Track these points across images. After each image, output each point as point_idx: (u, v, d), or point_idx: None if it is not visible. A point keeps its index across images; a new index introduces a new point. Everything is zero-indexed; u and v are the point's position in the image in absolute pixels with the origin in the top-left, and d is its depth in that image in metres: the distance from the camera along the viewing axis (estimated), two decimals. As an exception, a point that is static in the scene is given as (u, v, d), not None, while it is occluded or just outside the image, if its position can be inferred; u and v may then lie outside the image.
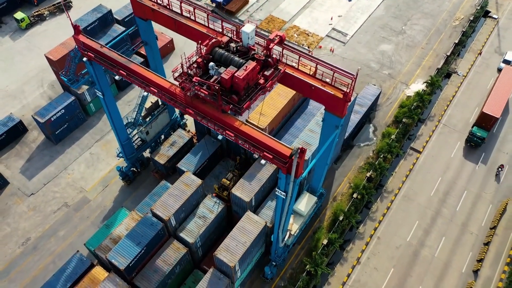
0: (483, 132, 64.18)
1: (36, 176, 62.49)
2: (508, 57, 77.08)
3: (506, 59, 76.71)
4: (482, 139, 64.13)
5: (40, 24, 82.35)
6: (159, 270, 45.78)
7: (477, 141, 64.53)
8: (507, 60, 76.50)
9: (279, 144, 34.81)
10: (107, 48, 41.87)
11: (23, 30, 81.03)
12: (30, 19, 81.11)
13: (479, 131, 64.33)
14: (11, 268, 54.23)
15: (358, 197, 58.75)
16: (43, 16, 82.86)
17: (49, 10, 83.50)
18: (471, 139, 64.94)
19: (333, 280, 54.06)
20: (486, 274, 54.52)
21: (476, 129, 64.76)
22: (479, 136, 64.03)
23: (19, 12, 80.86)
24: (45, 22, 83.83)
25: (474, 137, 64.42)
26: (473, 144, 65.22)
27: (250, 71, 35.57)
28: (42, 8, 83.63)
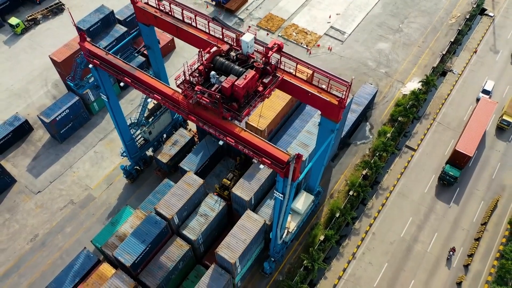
0: (455, 171, 61.74)
1: (42, 174, 64.49)
2: (487, 86, 73.84)
3: (485, 89, 73.60)
4: (454, 179, 61.64)
5: (34, 28, 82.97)
6: (163, 266, 48.01)
7: (450, 180, 62.07)
8: (486, 90, 73.44)
9: (277, 150, 36.73)
10: (112, 55, 43.54)
11: (18, 35, 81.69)
12: (25, 24, 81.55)
13: (451, 170, 61.85)
14: (20, 263, 56.52)
15: (354, 194, 60.85)
16: (37, 20, 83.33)
17: (42, 13, 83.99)
18: (443, 177, 62.52)
19: (330, 274, 56.41)
20: (476, 268, 56.85)
21: (448, 167, 62.23)
22: (452, 175, 61.59)
23: (13, 18, 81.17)
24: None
25: (447, 176, 61.98)
26: (446, 183, 63.05)
27: (249, 80, 37.32)
28: (35, 12, 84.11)
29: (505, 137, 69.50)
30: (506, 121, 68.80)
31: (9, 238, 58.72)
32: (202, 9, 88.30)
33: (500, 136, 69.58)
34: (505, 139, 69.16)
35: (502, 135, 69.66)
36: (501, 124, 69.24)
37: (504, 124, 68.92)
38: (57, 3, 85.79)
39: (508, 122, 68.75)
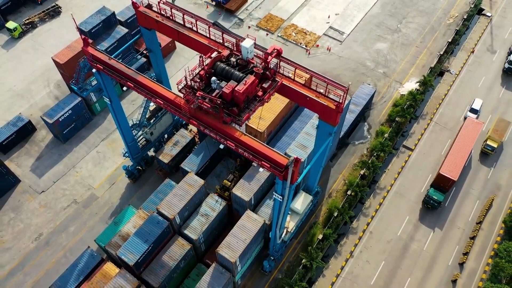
0: (439, 195, 60.93)
1: (46, 174, 65.62)
2: (475, 105, 72.12)
3: (473, 107, 71.94)
4: (438, 203, 60.91)
5: (31, 31, 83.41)
6: (165, 265, 49.25)
7: (434, 205, 61.25)
8: (474, 109, 71.74)
9: (276, 154, 37.81)
10: (115, 60, 44.52)
11: (16, 39, 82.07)
12: (22, 28, 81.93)
13: (435, 194, 61.12)
14: (25, 262, 57.77)
15: (352, 194, 62.02)
16: (34, 24, 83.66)
17: (39, 17, 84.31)
18: (427, 201, 61.62)
19: (328, 272, 57.71)
20: (471, 266, 58.16)
21: (432, 191, 61.52)
22: (436, 200, 60.88)
23: (11, 22, 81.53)
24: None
25: (431, 200, 61.21)
26: (430, 207, 62.17)
27: (249, 85, 38.30)
28: (32, 15, 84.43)
29: (489, 163, 67.35)
30: (490, 146, 66.92)
31: (14, 237, 59.94)
32: (202, 9, 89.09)
33: (484, 161, 67.54)
34: (489, 165, 67.06)
35: (486, 161, 67.59)
36: (485, 149, 67.23)
37: (488, 149, 66.99)
38: (54, 5, 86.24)
39: (492, 148, 66.79)
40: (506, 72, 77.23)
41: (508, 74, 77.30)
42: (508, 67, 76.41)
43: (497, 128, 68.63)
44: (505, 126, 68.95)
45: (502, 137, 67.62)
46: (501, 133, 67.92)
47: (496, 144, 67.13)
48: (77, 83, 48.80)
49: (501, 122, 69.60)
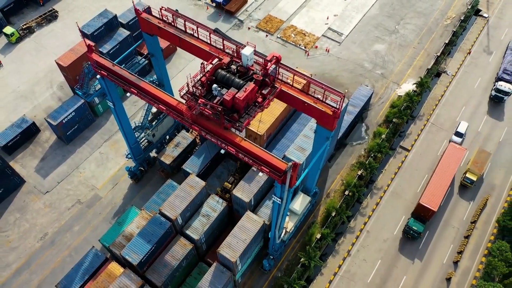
0: (419, 226, 59.92)
1: (50, 175, 67.04)
2: (461, 128, 70.48)
3: (458, 131, 70.44)
4: (418, 234, 59.95)
5: (29, 36, 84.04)
6: (168, 265, 50.84)
7: (414, 235, 60.19)
8: (459, 133, 70.27)
9: (275, 159, 39.23)
10: (118, 66, 45.81)
11: (13, 44, 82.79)
12: (19, 33, 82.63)
13: (415, 224, 60.10)
14: (31, 261, 59.34)
15: (349, 194, 63.49)
16: (32, 29, 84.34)
17: (36, 21, 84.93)
18: (407, 231, 60.62)
19: (326, 270, 59.31)
20: (465, 265, 59.77)
21: (412, 221, 60.46)
22: (415, 230, 59.91)
23: (8, 27, 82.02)
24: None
25: (411, 230, 60.20)
26: (410, 237, 60.93)
27: (249, 92, 39.64)
28: (29, 20, 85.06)
29: (469, 196, 65.48)
30: (470, 179, 64.73)
31: (20, 236, 61.46)
32: (203, 11, 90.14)
33: (463, 195, 65.50)
34: (469, 198, 65.33)
35: (465, 194, 65.56)
36: (464, 182, 65.13)
37: (467, 182, 64.91)
38: (51, 10, 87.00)
39: (472, 181, 64.65)
40: (493, 99, 75.57)
41: (495, 101, 75.62)
42: (495, 95, 74.74)
43: (477, 160, 65.54)
44: (485, 157, 65.82)
45: (481, 170, 64.82)
46: (481, 165, 64.90)
47: (475, 177, 64.65)
48: (82, 88, 49.97)
49: (482, 154, 66.34)
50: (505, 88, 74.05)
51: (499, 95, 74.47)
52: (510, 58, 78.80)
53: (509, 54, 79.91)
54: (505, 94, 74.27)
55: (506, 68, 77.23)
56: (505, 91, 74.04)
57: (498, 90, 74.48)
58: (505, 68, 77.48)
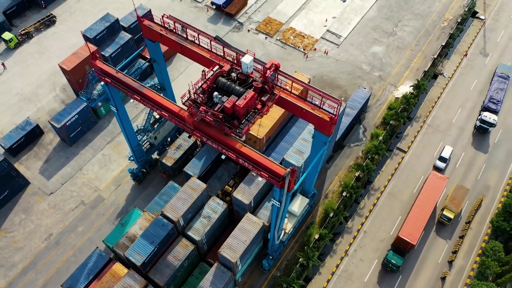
0: (398, 259, 58.73)
1: (54, 177, 68.47)
2: (445, 153, 69.22)
3: (442, 156, 69.14)
4: (397, 267, 58.83)
5: (28, 42, 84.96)
6: (170, 265, 52.36)
7: (392, 268, 59.12)
8: (443, 158, 69.00)
9: (274, 164, 40.62)
10: (122, 73, 47.11)
11: (12, 49, 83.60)
12: (18, 38, 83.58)
13: (394, 258, 58.89)
14: (37, 261, 60.88)
15: (347, 195, 64.94)
16: (30, 34, 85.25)
17: (35, 27, 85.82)
18: (386, 264, 59.48)
19: (324, 270, 60.86)
20: (460, 264, 61.31)
21: (391, 254, 59.26)
22: (394, 264, 58.80)
23: (7, 33, 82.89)
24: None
25: (389, 263, 59.07)
26: (389, 270, 59.82)
27: (249, 100, 41.02)
28: (28, 25, 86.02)
29: (446, 234, 63.27)
30: (447, 216, 62.76)
31: (25, 237, 62.97)
32: (203, 13, 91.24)
33: (440, 233, 63.41)
34: (446, 236, 63.11)
35: (442, 232, 63.47)
36: (441, 219, 63.32)
37: (444, 219, 63.04)
38: (48, 15, 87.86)
39: (449, 218, 62.66)
40: (478, 130, 73.25)
41: (480, 132, 73.39)
42: (480, 126, 72.28)
43: (455, 197, 63.37)
44: (463, 194, 63.66)
45: (459, 207, 62.54)
46: (458, 202, 62.80)
47: (453, 214, 62.53)
48: (86, 94, 51.42)
49: (460, 190, 64.19)
50: (490, 119, 71.67)
51: (484, 126, 72.08)
52: (497, 85, 76.71)
53: (495, 81, 77.55)
54: (490, 126, 71.85)
55: (493, 97, 75.16)
56: (490, 122, 71.64)
57: (483, 121, 72.03)
58: (491, 96, 75.33)
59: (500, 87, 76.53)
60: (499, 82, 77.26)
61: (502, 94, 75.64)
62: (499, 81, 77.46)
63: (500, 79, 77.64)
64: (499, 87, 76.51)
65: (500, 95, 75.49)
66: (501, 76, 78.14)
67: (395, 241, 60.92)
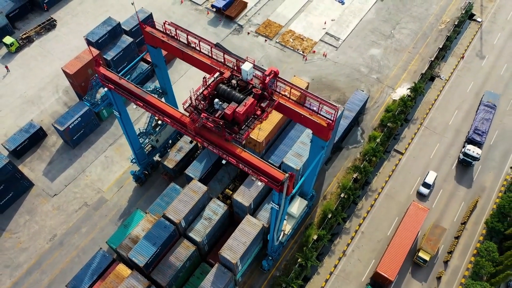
0: None
1: (57, 178, 69.76)
2: (429, 179, 67.88)
3: (426, 182, 67.95)
4: None
5: (29, 46, 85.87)
6: (172, 266, 53.73)
7: None
8: (426, 184, 67.80)
9: (273, 169, 41.92)
10: (125, 80, 48.35)
11: (13, 53, 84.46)
12: (19, 42, 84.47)
13: None
14: (42, 261, 62.25)
15: (345, 196, 66.27)
16: (31, 38, 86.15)
17: (35, 31, 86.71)
18: None
19: (322, 270, 62.26)
20: (455, 264, 62.70)
21: None
22: None
23: (8, 37, 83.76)
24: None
25: None
26: None
27: (249, 106, 42.30)
28: (29, 30, 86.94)
29: (421, 276, 61.02)
30: (422, 258, 60.56)
31: (30, 238, 64.32)
32: (203, 15, 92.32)
33: (416, 275, 61.11)
34: (421, 279, 60.88)
35: (418, 273, 61.26)
36: (416, 261, 61.07)
37: (420, 261, 60.85)
38: (49, 19, 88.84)
39: (424, 260, 60.48)
40: (461, 163, 70.92)
41: (463, 165, 71.07)
42: (463, 159, 69.96)
43: (431, 237, 61.07)
44: (440, 234, 61.49)
45: (435, 248, 60.25)
46: (435, 242, 60.48)
47: (428, 256, 60.32)
48: (90, 99, 52.69)
49: (436, 229, 62.01)
50: (473, 153, 69.18)
51: (467, 160, 69.80)
52: (483, 115, 73.68)
53: (481, 110, 74.50)
54: (474, 159, 69.51)
55: (478, 128, 72.32)
56: (474, 156, 69.24)
57: (466, 154, 69.72)
58: (476, 127, 72.45)
59: (485, 117, 73.54)
60: (485, 111, 74.31)
61: (487, 125, 72.66)
62: (485, 110, 74.51)
63: (486, 109, 74.62)
64: (484, 117, 73.55)
65: (486, 125, 72.53)
66: (487, 105, 75.09)
67: (373, 276, 59.76)
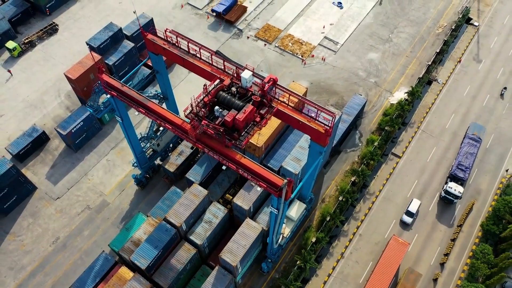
0: None
1: (60, 182, 70.85)
2: (412, 208, 66.48)
3: (409, 210, 66.51)
4: None
5: (31, 50, 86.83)
6: (173, 268, 54.84)
7: None
8: (410, 212, 66.45)
9: (272, 175, 43.01)
10: (127, 87, 49.44)
11: (15, 58, 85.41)
12: (21, 47, 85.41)
13: None
14: (45, 263, 63.34)
15: (343, 199, 67.38)
16: (33, 42, 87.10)
17: (38, 35, 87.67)
18: None
19: (321, 272, 63.38)
20: (451, 266, 63.83)
21: None
22: None
23: (10, 42, 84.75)
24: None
25: None
26: None
27: (248, 114, 43.37)
28: (31, 34, 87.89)
29: None
30: None
31: (34, 240, 65.41)
32: (203, 20, 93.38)
33: None
34: None
35: None
36: None
37: None
38: (51, 24, 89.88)
39: None
40: (443, 200, 68.77)
41: (445, 202, 68.84)
42: (444, 196, 67.76)
43: (405, 284, 58.50)
44: (414, 280, 59.05)
45: None
46: None
47: None
48: (93, 106, 53.83)
49: (411, 275, 59.17)
50: (455, 191, 66.78)
51: (449, 198, 67.35)
52: (467, 149, 70.43)
53: (466, 144, 71.11)
54: (455, 198, 67.13)
55: (461, 162, 69.09)
56: (455, 194, 66.84)
57: (448, 192, 67.27)
58: (459, 162, 69.27)
59: (470, 151, 70.23)
60: (470, 145, 70.97)
61: (471, 160, 69.46)
62: (469, 144, 71.15)
63: (471, 142, 71.31)
64: (469, 151, 70.24)
65: (470, 160, 69.32)
66: (472, 138, 71.79)
67: None
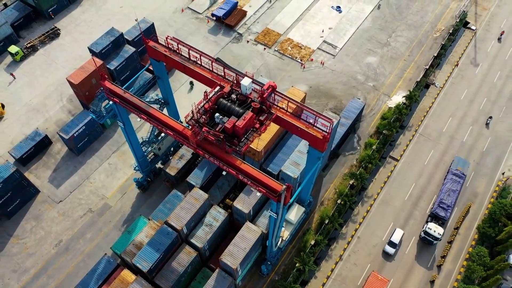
0: None
1: (63, 185, 71.85)
2: (395, 238, 64.81)
3: (392, 240, 64.97)
4: None
5: (33, 54, 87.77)
6: (174, 271, 55.82)
7: None
8: (392, 242, 64.84)
9: (271, 181, 44.01)
10: (129, 93, 50.44)
11: (18, 62, 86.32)
12: (23, 51, 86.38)
13: None
14: (48, 266, 64.33)
15: (341, 202, 68.35)
16: (35, 47, 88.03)
17: (40, 40, 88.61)
18: None
19: (319, 274, 64.37)
20: (448, 268, 64.80)
21: None
22: None
23: (13, 46, 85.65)
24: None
25: None
26: None
27: (248, 120, 44.40)
28: (33, 38, 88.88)
29: None
30: None
31: (37, 243, 66.41)
32: (203, 24, 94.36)
33: None
34: None
35: None
36: None
37: None
38: (53, 28, 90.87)
39: None
40: (422, 240, 66.11)
41: (424, 242, 66.23)
42: (424, 237, 65.40)
43: None
44: None
45: None
46: None
47: None
48: (96, 112, 54.85)
49: None
50: (435, 232, 64.33)
51: (428, 239, 65.02)
52: (450, 185, 67.52)
53: (449, 180, 68.26)
54: (435, 239, 64.65)
55: (443, 200, 66.62)
56: (435, 236, 64.38)
57: (427, 233, 64.99)
58: (441, 199, 66.76)
59: (452, 188, 67.32)
60: (452, 181, 68.04)
61: (454, 197, 66.85)
62: (452, 180, 68.20)
63: (454, 178, 68.37)
64: (451, 188, 67.40)
65: (452, 198, 66.69)
66: (455, 174, 68.87)
67: None
